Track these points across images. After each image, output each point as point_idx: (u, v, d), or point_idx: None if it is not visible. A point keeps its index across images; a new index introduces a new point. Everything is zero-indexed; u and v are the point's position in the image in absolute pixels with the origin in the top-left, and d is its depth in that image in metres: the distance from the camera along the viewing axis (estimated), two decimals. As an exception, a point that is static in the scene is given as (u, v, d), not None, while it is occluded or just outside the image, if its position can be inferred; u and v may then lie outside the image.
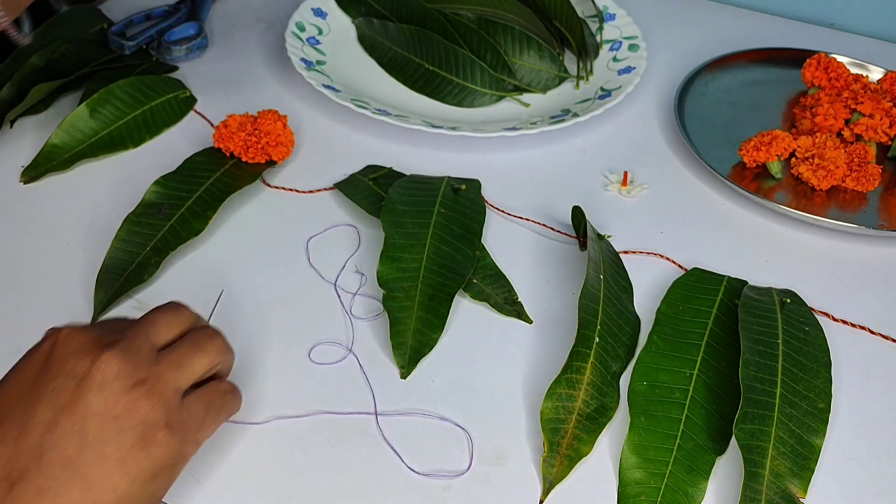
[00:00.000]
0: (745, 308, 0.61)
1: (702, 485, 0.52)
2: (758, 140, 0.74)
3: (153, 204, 0.67)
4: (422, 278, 0.62)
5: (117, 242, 0.65)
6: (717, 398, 0.56)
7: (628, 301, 0.63)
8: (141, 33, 0.85)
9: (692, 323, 0.61)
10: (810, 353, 0.58)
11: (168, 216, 0.67)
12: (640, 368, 0.57)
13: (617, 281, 0.63)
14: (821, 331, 0.60)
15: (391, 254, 0.63)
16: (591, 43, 0.86)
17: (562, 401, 0.55)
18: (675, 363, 0.58)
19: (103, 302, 0.61)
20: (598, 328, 0.58)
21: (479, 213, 0.68)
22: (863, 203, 0.73)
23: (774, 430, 0.53)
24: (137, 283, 0.63)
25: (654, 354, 0.58)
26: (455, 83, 0.82)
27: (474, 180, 0.72)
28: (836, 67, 0.82)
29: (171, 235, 0.65)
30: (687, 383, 0.57)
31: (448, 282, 0.62)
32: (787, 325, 0.60)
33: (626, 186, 0.74)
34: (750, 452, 0.52)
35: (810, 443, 0.54)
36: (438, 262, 0.64)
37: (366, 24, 0.89)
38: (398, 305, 0.61)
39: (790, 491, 0.52)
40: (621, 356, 0.58)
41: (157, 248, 0.64)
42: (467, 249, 0.65)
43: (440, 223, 0.66)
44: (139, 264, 0.64)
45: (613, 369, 0.57)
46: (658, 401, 0.56)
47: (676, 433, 0.54)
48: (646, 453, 0.53)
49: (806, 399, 0.55)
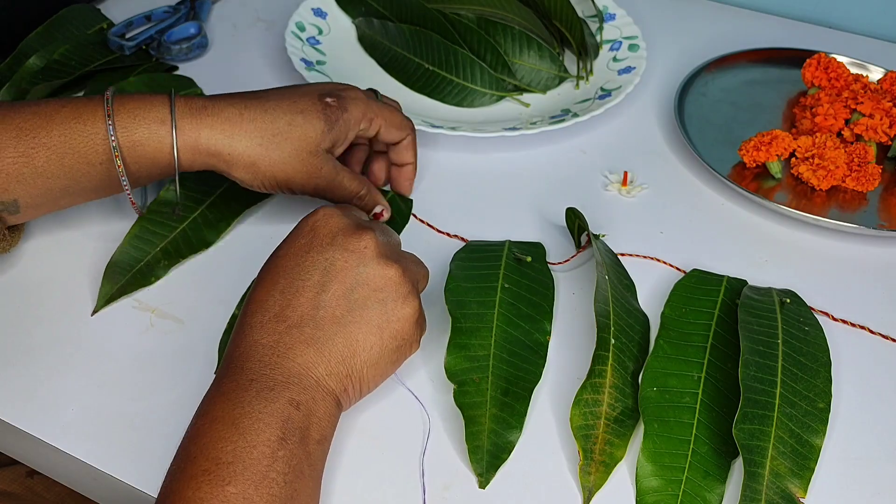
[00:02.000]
0: (745, 308, 0.61)
1: (718, 489, 0.52)
2: (758, 140, 0.74)
3: (168, 202, 0.67)
4: (492, 368, 0.57)
5: (130, 238, 0.65)
6: (726, 400, 0.56)
7: (633, 299, 0.63)
8: (141, 33, 0.85)
9: (695, 325, 0.61)
10: (810, 353, 0.58)
11: (182, 218, 0.67)
12: (650, 374, 0.57)
13: (620, 280, 0.63)
14: (821, 331, 0.60)
15: (459, 341, 0.58)
16: (591, 43, 0.86)
17: (588, 406, 0.55)
18: (683, 367, 0.58)
19: (107, 296, 0.62)
20: (612, 329, 0.58)
21: (547, 289, 0.62)
22: (863, 203, 0.73)
23: (774, 430, 0.53)
24: (144, 283, 0.63)
25: (662, 359, 0.58)
26: (455, 83, 0.82)
27: (538, 246, 0.66)
28: (836, 67, 0.82)
29: (183, 241, 0.65)
30: (696, 387, 0.57)
31: (521, 374, 0.57)
32: (787, 325, 0.60)
33: (626, 186, 0.74)
34: (750, 452, 0.52)
35: (810, 443, 0.54)
36: (508, 350, 0.58)
37: (366, 24, 0.89)
38: (470, 402, 0.55)
39: (790, 491, 0.51)
40: (636, 355, 0.58)
41: (166, 251, 0.65)
42: (538, 335, 0.59)
43: (506, 301, 0.60)
44: (147, 264, 0.64)
45: (631, 369, 0.57)
46: (669, 406, 0.55)
47: (689, 438, 0.54)
48: (661, 460, 0.53)
49: (806, 399, 0.55)
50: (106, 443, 0.54)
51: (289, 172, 0.61)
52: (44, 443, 0.55)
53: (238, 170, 0.60)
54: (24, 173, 0.57)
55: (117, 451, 0.54)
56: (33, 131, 0.57)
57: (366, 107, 0.64)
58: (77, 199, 0.61)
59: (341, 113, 0.62)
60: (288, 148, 0.60)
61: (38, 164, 0.57)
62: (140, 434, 0.55)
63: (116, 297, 0.62)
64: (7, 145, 0.57)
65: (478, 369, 0.57)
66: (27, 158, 0.57)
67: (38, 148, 0.57)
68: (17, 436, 0.56)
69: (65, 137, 0.57)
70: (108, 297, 0.62)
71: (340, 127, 0.62)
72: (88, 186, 0.60)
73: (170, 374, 0.58)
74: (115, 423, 0.55)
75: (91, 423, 0.55)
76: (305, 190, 0.63)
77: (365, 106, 0.64)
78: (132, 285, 0.63)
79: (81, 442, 0.54)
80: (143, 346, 0.60)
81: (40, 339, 0.60)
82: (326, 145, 0.62)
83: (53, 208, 0.61)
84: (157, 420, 0.56)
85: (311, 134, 0.61)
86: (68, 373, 0.58)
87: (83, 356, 0.59)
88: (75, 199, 0.61)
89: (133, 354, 0.59)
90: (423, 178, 0.74)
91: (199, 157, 0.59)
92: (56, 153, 0.57)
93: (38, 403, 0.56)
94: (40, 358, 0.59)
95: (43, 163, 0.57)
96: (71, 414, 0.56)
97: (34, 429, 0.55)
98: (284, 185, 0.62)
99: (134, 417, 0.56)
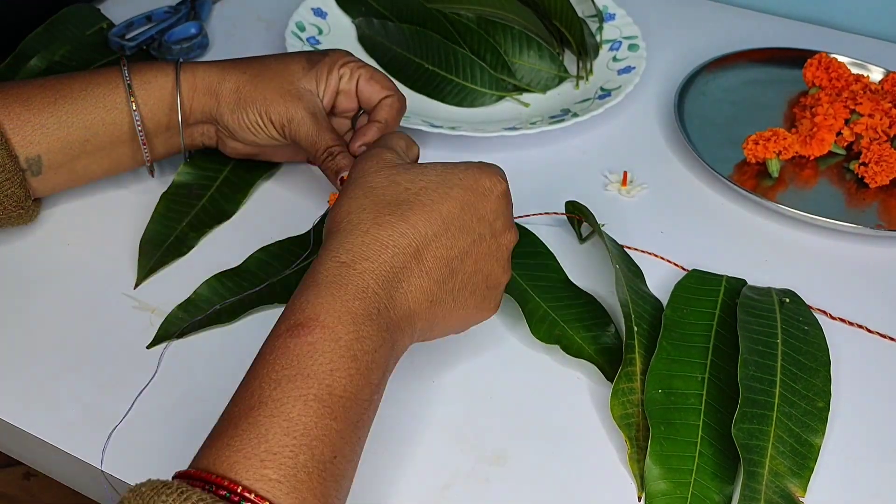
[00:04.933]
0: (744, 308, 0.61)
1: (726, 490, 0.52)
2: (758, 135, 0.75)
3: (184, 184, 0.71)
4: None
5: (157, 216, 0.68)
6: (730, 401, 0.55)
7: (644, 284, 0.63)
8: (142, 34, 0.85)
9: (696, 326, 0.60)
10: (809, 353, 0.58)
11: (199, 196, 0.70)
12: (654, 376, 0.56)
13: (629, 266, 0.64)
14: (820, 330, 0.60)
15: None
16: (591, 43, 0.86)
17: (625, 395, 0.55)
18: (686, 368, 0.57)
19: (146, 269, 0.65)
20: (633, 317, 0.58)
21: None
22: (862, 203, 0.73)
23: (773, 430, 0.53)
24: (178, 255, 0.66)
25: (666, 361, 0.57)
26: (455, 83, 0.82)
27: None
28: (836, 67, 0.82)
29: (205, 214, 0.69)
30: (700, 388, 0.57)
31: None
32: (787, 324, 0.60)
33: (625, 186, 0.74)
34: (749, 452, 0.52)
35: (809, 442, 0.54)
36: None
37: (366, 24, 0.89)
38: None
39: (789, 490, 0.51)
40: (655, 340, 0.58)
41: (192, 224, 0.68)
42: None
43: None
44: (177, 238, 0.67)
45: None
46: (675, 408, 0.55)
47: (696, 440, 0.54)
48: (669, 463, 0.53)
49: (805, 398, 0.55)
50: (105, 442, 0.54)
51: (269, 107, 0.64)
52: (44, 442, 0.55)
53: (225, 111, 0.65)
54: (49, 124, 0.62)
55: (117, 451, 0.54)
56: (57, 85, 0.64)
57: (348, 55, 0.68)
58: (92, 164, 0.65)
59: (322, 56, 0.67)
60: (271, 83, 0.65)
61: (61, 114, 0.62)
62: (140, 434, 0.55)
63: (156, 268, 0.65)
64: (34, 95, 0.62)
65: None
66: (53, 108, 0.62)
67: (61, 99, 0.63)
68: (16, 435, 0.56)
69: (85, 91, 0.64)
70: (148, 269, 0.65)
71: (321, 68, 0.66)
72: (105, 141, 0.64)
73: (170, 374, 0.58)
74: (115, 422, 0.55)
75: (91, 423, 0.55)
76: (282, 131, 0.65)
77: (347, 54, 0.68)
78: (168, 257, 0.66)
79: (81, 442, 0.54)
80: (144, 346, 0.60)
81: (40, 338, 0.60)
82: (308, 84, 0.65)
83: (71, 177, 0.65)
84: (156, 420, 0.56)
85: (293, 68, 0.66)
86: (68, 373, 0.58)
87: (83, 356, 0.59)
88: (91, 163, 0.65)
89: (133, 354, 0.60)
90: (422, 178, 0.74)
91: (196, 97, 0.65)
92: (77, 103, 0.63)
93: (39, 403, 0.57)
94: (41, 358, 0.59)
95: (66, 114, 0.63)
96: (71, 414, 0.56)
97: (34, 428, 0.55)
98: (263, 122, 0.65)
99: (133, 417, 0.56)
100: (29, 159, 0.62)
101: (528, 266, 0.64)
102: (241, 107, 0.65)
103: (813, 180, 0.76)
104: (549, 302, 0.62)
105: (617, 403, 0.55)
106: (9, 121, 0.61)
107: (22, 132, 0.61)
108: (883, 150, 0.74)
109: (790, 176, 0.75)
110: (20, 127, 0.61)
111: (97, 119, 0.64)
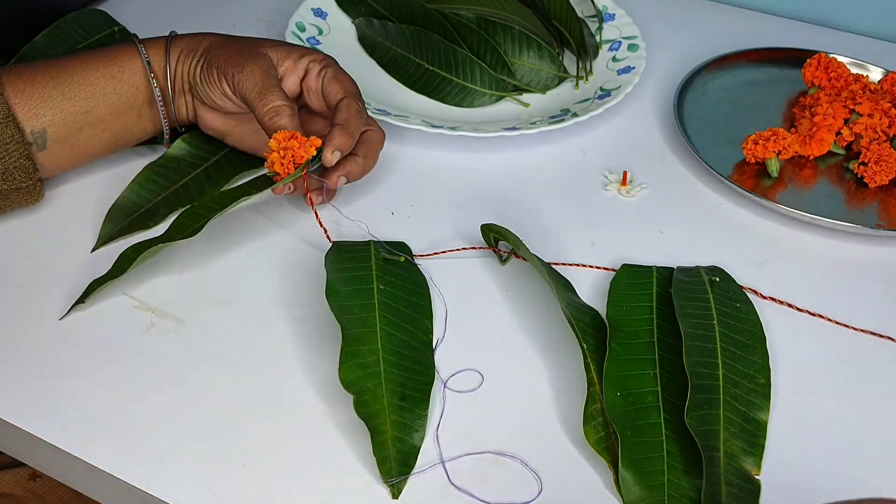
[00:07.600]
0: (679, 293, 0.61)
1: (698, 484, 0.51)
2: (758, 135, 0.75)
3: (175, 158, 0.72)
4: (384, 373, 0.55)
5: (133, 186, 0.69)
6: (684, 391, 0.55)
7: (575, 296, 0.62)
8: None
9: (638, 321, 0.60)
10: (745, 330, 0.59)
11: (185, 173, 0.71)
12: (610, 380, 0.56)
13: (557, 279, 0.62)
14: (751, 306, 0.61)
15: (350, 348, 0.56)
16: (591, 43, 0.86)
17: (595, 417, 0.54)
18: (638, 366, 0.57)
19: (107, 235, 0.66)
20: (579, 334, 0.57)
21: (422, 288, 0.62)
22: (862, 203, 0.73)
23: (722, 412, 0.54)
24: (142, 227, 0.67)
25: (617, 362, 0.57)
26: (455, 83, 0.83)
27: (404, 246, 0.66)
28: (836, 67, 0.82)
29: (184, 192, 0.70)
30: (654, 384, 0.56)
31: (414, 376, 0.56)
32: (720, 303, 0.60)
33: (625, 186, 0.74)
34: (705, 438, 0.52)
35: (756, 419, 0.54)
36: (397, 353, 0.57)
37: (366, 24, 0.89)
38: (370, 411, 0.53)
39: (746, 469, 0.52)
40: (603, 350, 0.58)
41: (167, 200, 0.69)
42: (421, 335, 0.58)
43: (384, 303, 0.59)
44: (147, 210, 0.68)
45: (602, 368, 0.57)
46: (635, 409, 0.54)
47: (661, 438, 0.53)
48: (641, 466, 0.52)
49: (747, 376, 0.56)
50: (106, 443, 0.54)
51: (228, 63, 0.66)
52: (44, 442, 0.55)
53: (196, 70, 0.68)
54: (54, 96, 0.65)
55: (117, 451, 0.54)
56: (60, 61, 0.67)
57: (328, 57, 0.70)
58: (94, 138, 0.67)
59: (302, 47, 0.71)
60: (237, 45, 0.68)
61: (64, 87, 0.66)
62: (140, 434, 0.55)
63: (116, 237, 0.66)
64: (37, 71, 0.66)
65: (371, 376, 0.55)
66: (56, 82, 0.65)
67: (63, 73, 0.66)
68: (17, 436, 0.56)
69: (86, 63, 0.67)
70: (108, 237, 0.66)
71: (292, 51, 0.69)
72: (105, 111, 0.67)
73: (170, 374, 0.58)
74: (115, 423, 0.55)
75: (91, 423, 0.56)
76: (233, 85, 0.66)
77: (327, 57, 0.70)
78: (131, 228, 0.67)
79: (81, 442, 0.54)
80: (143, 346, 0.60)
81: (41, 338, 0.60)
82: (273, 55, 0.68)
83: (74, 152, 0.67)
84: (157, 420, 0.56)
85: (266, 43, 0.69)
86: (69, 373, 0.58)
87: (83, 356, 0.59)
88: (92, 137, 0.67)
89: (133, 354, 0.60)
90: (422, 178, 0.74)
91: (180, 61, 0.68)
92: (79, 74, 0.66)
93: (39, 403, 0.57)
94: (41, 358, 0.59)
95: (69, 86, 0.66)
96: (71, 414, 0.56)
97: (35, 429, 0.55)
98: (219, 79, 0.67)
99: (134, 417, 0.56)
100: (34, 132, 0.64)
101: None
102: (209, 64, 0.67)
103: (812, 180, 0.76)
104: None
105: (590, 429, 0.54)
106: (14, 96, 0.64)
107: (27, 105, 0.64)
108: (882, 149, 0.74)
109: (789, 176, 0.76)
110: (25, 101, 0.64)
111: (98, 88, 0.66)
